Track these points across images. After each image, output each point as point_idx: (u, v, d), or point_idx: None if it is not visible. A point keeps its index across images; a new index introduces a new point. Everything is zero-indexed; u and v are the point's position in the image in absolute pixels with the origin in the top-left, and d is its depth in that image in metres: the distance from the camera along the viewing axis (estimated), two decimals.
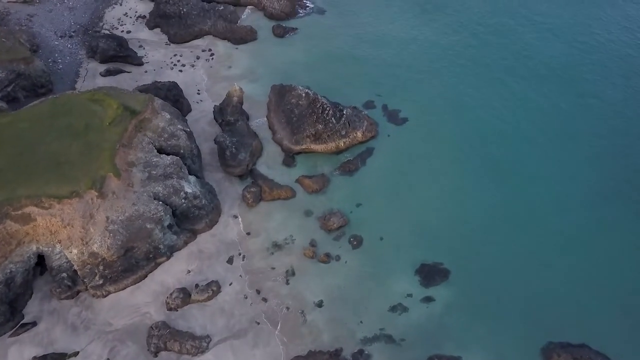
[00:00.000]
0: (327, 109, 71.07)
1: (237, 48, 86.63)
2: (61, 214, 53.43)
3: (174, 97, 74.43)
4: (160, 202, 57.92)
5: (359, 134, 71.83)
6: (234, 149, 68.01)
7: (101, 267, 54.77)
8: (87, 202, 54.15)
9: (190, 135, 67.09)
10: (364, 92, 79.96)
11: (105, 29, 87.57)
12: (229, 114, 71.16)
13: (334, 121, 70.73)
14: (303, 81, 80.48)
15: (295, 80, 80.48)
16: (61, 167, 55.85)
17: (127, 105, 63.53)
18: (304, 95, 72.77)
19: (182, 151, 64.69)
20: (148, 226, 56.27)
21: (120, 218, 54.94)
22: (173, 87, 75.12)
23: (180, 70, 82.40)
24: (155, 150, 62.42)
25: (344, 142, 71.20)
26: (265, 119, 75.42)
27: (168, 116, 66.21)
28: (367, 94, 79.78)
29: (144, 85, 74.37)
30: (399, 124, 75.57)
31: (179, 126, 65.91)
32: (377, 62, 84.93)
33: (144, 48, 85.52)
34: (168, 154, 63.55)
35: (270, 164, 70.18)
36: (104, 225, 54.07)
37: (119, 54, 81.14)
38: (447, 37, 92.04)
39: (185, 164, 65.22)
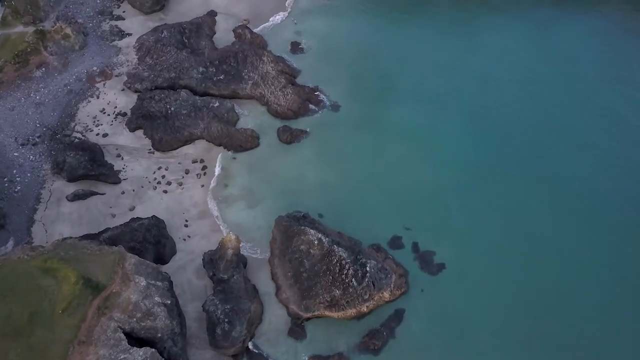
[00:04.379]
0: (346, 266, 56.10)
1: (234, 158, 71.58)
2: None
3: (154, 239, 59.99)
4: None
5: (386, 294, 56.87)
6: (226, 325, 53.18)
7: None
8: None
9: (171, 308, 52.30)
10: (388, 222, 64.63)
11: (77, 132, 72.79)
12: (222, 271, 56.22)
13: (355, 283, 55.79)
14: (314, 206, 66.11)
15: (305, 204, 66.01)
16: None
17: (88, 277, 49.26)
18: (316, 242, 58.00)
19: (159, 334, 50.10)
20: None
21: None
22: (153, 226, 60.48)
23: (165, 191, 67.62)
24: (124, 339, 47.88)
25: (367, 306, 56.31)
26: (268, 263, 60.88)
27: (143, 283, 51.85)
28: (393, 225, 64.44)
29: (115, 228, 59.64)
30: (435, 274, 60.41)
31: (156, 299, 51.35)
32: (406, 183, 67.97)
33: (122, 158, 70.74)
34: (141, 341, 49.20)
35: (272, 338, 55.41)
36: None
37: (90, 172, 66.47)
38: (494, 154, 71.47)
39: (165, 348, 50.78)
